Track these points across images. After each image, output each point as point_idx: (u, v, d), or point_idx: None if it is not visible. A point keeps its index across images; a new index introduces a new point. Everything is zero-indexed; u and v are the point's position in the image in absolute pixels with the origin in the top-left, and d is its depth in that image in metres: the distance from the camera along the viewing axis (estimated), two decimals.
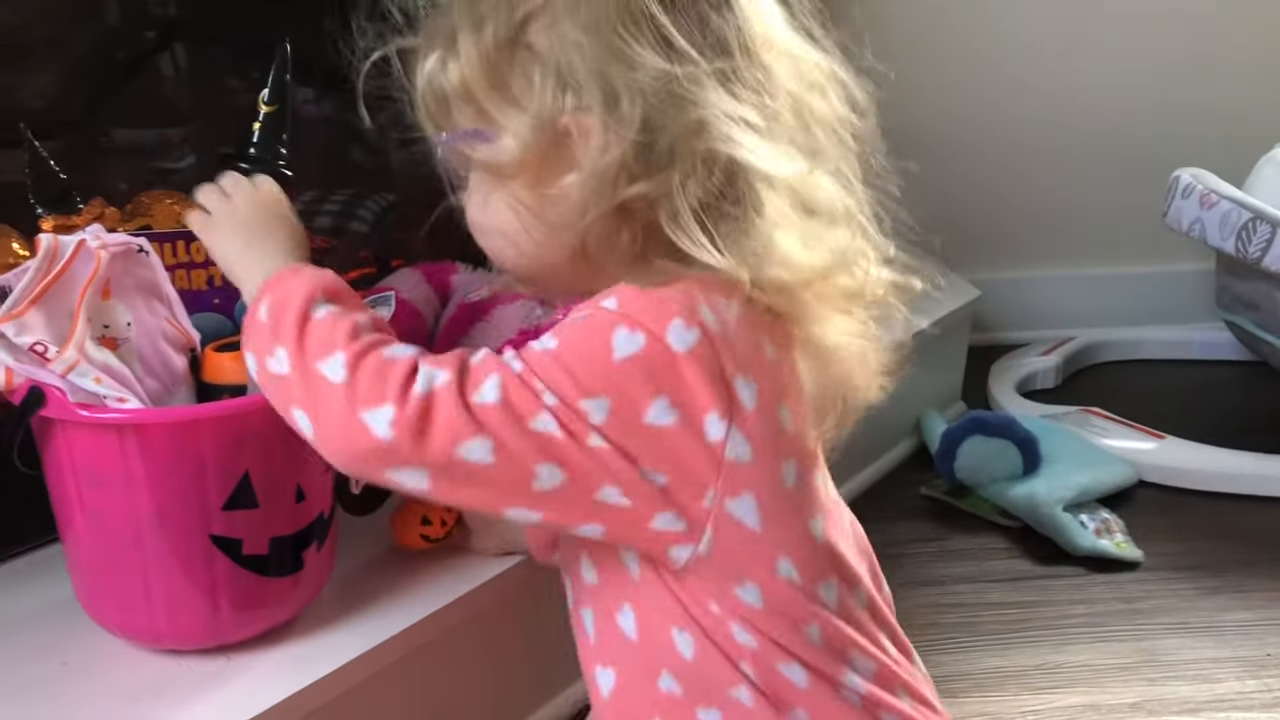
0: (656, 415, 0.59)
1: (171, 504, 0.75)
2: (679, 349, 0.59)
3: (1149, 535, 1.46)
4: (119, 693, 0.79)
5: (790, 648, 0.65)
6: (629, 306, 0.60)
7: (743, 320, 0.61)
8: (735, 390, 0.60)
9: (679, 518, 0.61)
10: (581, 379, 0.58)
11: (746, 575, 0.64)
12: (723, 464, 0.60)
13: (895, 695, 0.69)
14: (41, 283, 0.71)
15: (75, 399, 0.72)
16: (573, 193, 0.61)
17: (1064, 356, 2.00)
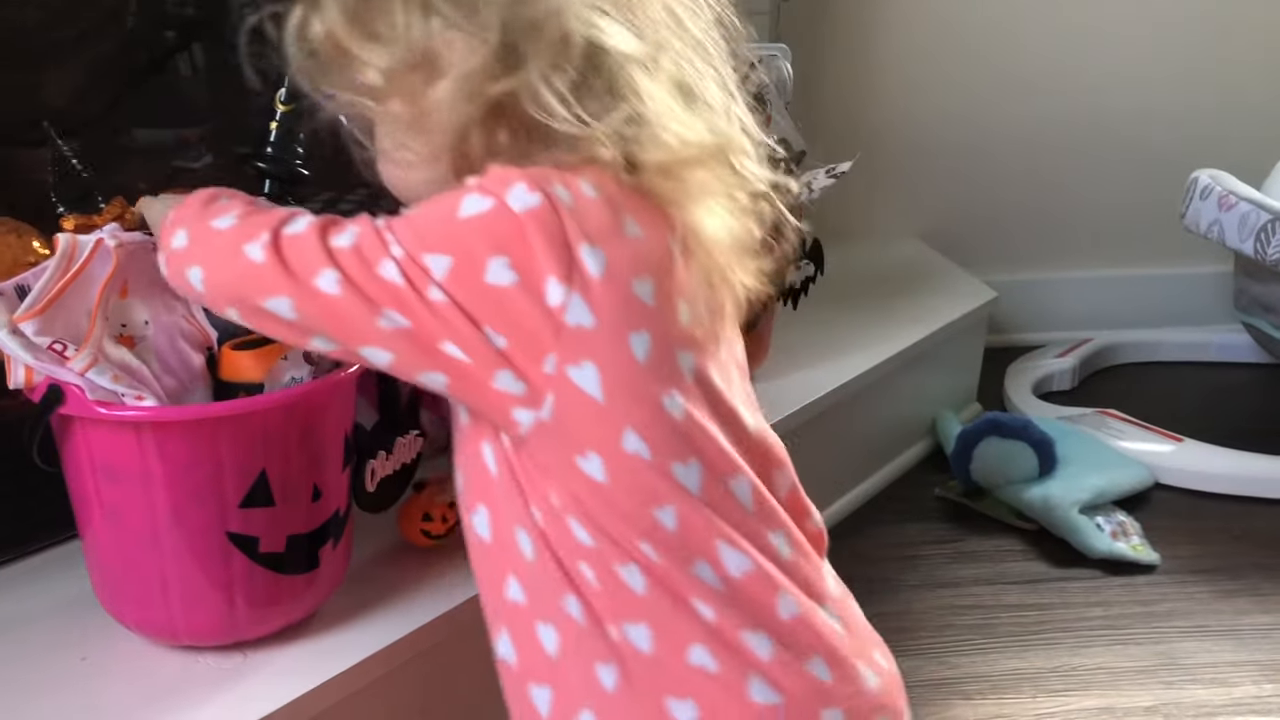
0: (496, 275, 0.61)
1: (189, 501, 0.76)
2: (518, 209, 0.61)
3: (1166, 538, 1.46)
4: (137, 689, 0.79)
5: (630, 543, 0.63)
6: (482, 180, 0.63)
7: (604, 200, 0.63)
8: (579, 256, 0.61)
9: (518, 379, 0.62)
10: (426, 236, 0.62)
11: (589, 445, 0.63)
12: (562, 329, 0.61)
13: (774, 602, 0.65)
14: (59, 282, 0.71)
15: (94, 397, 0.73)
16: (444, 100, 0.64)
17: (1081, 358, 1.99)
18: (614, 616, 0.63)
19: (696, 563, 0.63)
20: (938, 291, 1.79)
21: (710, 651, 0.62)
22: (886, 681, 0.69)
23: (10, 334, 0.71)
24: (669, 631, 0.63)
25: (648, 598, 0.63)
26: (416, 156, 0.68)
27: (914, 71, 2.03)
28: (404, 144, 0.68)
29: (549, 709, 0.67)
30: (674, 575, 0.63)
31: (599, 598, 0.63)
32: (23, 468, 0.78)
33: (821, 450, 1.43)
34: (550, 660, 0.66)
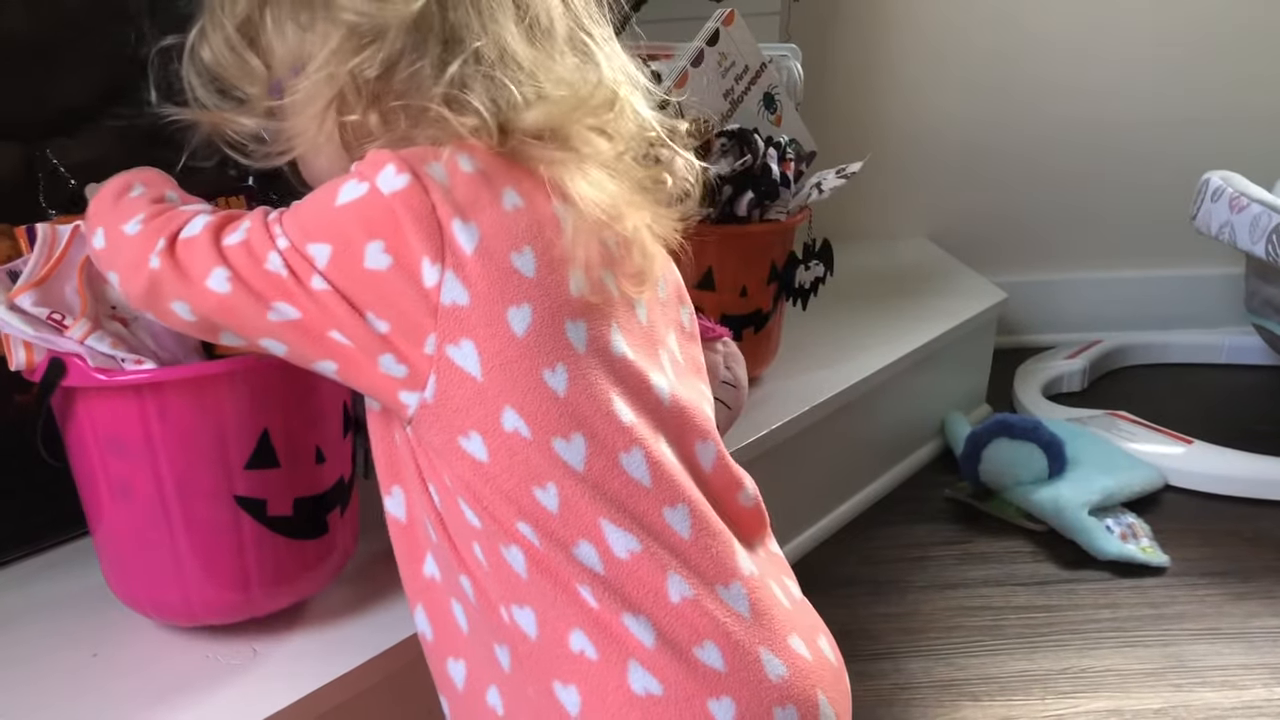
0: (373, 260, 0.61)
1: (195, 466, 0.76)
2: (387, 191, 0.62)
3: (1175, 540, 1.45)
4: (148, 684, 0.80)
5: (511, 524, 0.62)
6: (360, 164, 0.64)
7: (479, 172, 0.64)
8: (451, 234, 0.62)
9: (400, 362, 0.63)
10: (308, 225, 0.63)
11: (470, 425, 0.62)
12: (439, 309, 0.62)
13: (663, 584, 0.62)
14: (45, 267, 0.73)
15: (95, 364, 0.74)
16: (308, 90, 0.67)
17: (1090, 360, 1.98)
18: (502, 599, 0.64)
19: (579, 544, 0.62)
20: (947, 292, 1.79)
21: (590, 637, 0.61)
22: (803, 671, 0.64)
23: (9, 310, 0.72)
24: (551, 616, 0.62)
25: (530, 581, 0.62)
26: (319, 160, 0.70)
27: (924, 72, 2.03)
28: (297, 144, 0.70)
29: (463, 682, 0.68)
30: (555, 558, 0.62)
31: (488, 579, 0.64)
32: (29, 465, 0.79)
33: (831, 451, 1.43)
34: (463, 636, 0.67)
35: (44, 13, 0.96)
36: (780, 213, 1.30)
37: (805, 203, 1.32)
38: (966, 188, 2.09)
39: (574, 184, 0.66)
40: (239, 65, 0.69)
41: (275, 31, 0.68)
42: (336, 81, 0.65)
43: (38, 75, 0.97)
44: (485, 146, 0.65)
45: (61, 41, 0.97)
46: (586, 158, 0.66)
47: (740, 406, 1.03)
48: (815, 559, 1.42)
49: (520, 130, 0.65)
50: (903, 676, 1.20)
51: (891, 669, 1.21)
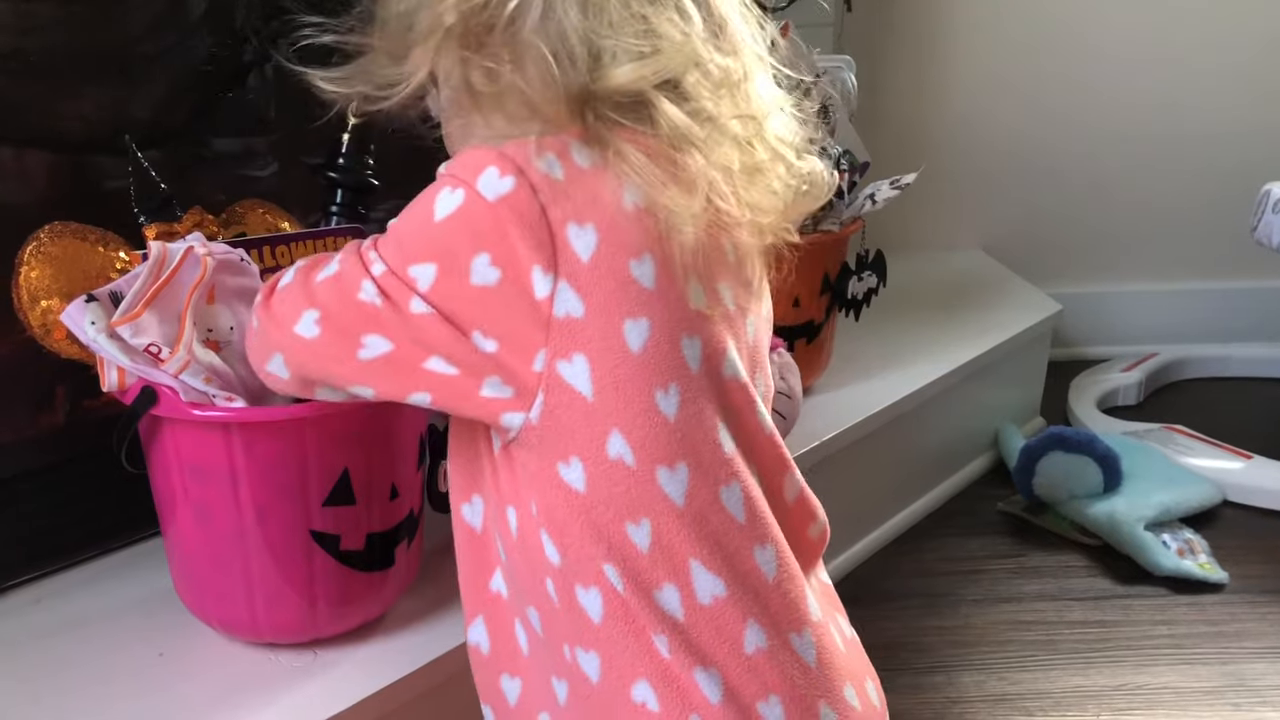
0: (480, 275, 0.57)
1: (275, 500, 0.78)
2: (490, 197, 0.56)
3: (1235, 557, 1.43)
4: (211, 684, 0.82)
5: (597, 565, 0.58)
6: (454, 165, 0.59)
7: (599, 169, 0.58)
8: (566, 239, 0.56)
9: (506, 383, 0.58)
10: (408, 246, 0.59)
11: (573, 451, 0.58)
12: (551, 322, 0.57)
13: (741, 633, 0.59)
14: (152, 287, 0.74)
15: (186, 398, 0.75)
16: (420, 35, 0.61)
17: (1147, 373, 1.96)
18: (568, 639, 0.61)
19: (664, 587, 0.58)
20: (1001, 304, 1.78)
21: (654, 689, 0.59)
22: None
23: (109, 338, 0.73)
24: (618, 664, 0.59)
25: (602, 627, 0.59)
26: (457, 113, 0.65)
27: (979, 83, 2.02)
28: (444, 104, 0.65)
29: (516, 700, 0.66)
30: (635, 605, 0.58)
31: (556, 617, 0.61)
32: (101, 468, 0.81)
33: (883, 463, 1.43)
34: (523, 658, 0.65)
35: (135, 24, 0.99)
36: (834, 223, 1.30)
37: (859, 214, 1.32)
38: (1021, 199, 2.07)
39: (696, 161, 0.59)
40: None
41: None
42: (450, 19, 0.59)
43: (128, 85, 0.99)
44: (598, 126, 0.58)
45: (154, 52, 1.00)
46: (717, 132, 0.60)
47: (795, 417, 1.03)
48: (867, 571, 1.42)
49: (630, 85, 0.58)
50: (955, 690, 1.19)
51: (944, 682, 1.20)
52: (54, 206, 0.89)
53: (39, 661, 0.85)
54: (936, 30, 2.00)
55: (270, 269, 0.89)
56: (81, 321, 0.74)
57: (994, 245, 2.07)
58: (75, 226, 0.85)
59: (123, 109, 0.99)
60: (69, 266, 0.83)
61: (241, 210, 0.97)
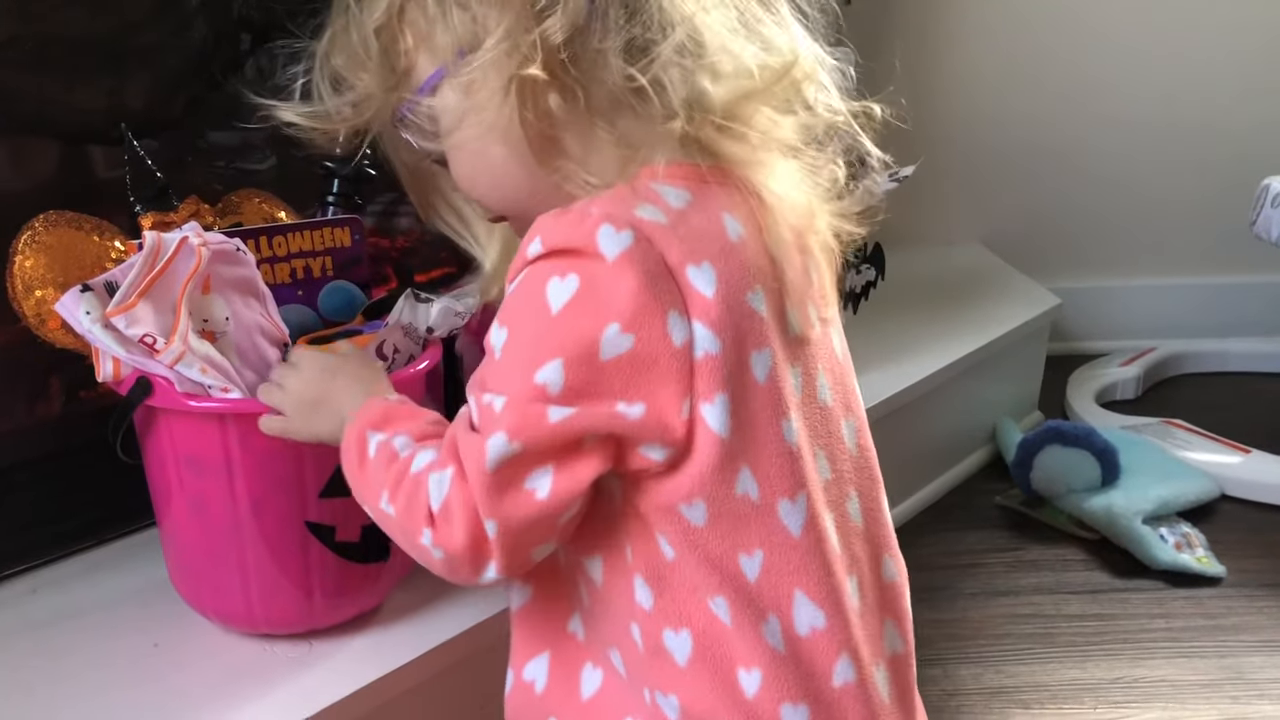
0: (612, 347, 0.54)
1: (270, 491, 0.77)
2: (613, 254, 0.54)
3: (1232, 551, 1.43)
4: (207, 674, 0.81)
5: (698, 605, 0.57)
6: (552, 240, 0.56)
7: (694, 202, 0.57)
8: (688, 280, 0.55)
9: (663, 446, 0.56)
10: (530, 354, 0.55)
11: (698, 494, 0.57)
12: (694, 366, 0.55)
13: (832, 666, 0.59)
14: (147, 277, 0.73)
15: (182, 389, 0.75)
16: (484, 67, 0.59)
17: (1145, 367, 1.96)
18: (650, 682, 0.60)
19: (769, 618, 0.58)
20: (1000, 298, 1.78)
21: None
22: None
23: (104, 328, 0.73)
24: (697, 708, 0.58)
25: (688, 670, 0.58)
26: (492, 158, 0.63)
27: (977, 77, 2.01)
28: (480, 146, 0.63)
29: None
30: (732, 640, 0.58)
31: (640, 662, 0.60)
32: (95, 459, 0.81)
33: (881, 457, 1.42)
34: (580, 701, 0.63)
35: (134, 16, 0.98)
36: None
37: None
38: (1020, 192, 2.07)
39: (773, 185, 0.59)
40: (382, 64, 0.63)
41: (436, 17, 0.61)
42: (518, 53, 0.57)
43: (127, 75, 0.99)
44: (688, 165, 0.58)
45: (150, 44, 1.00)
46: (773, 158, 0.60)
47: None
48: None
49: (711, 113, 0.57)
50: (952, 683, 1.19)
51: (941, 675, 1.20)
52: (49, 195, 0.89)
53: (34, 651, 0.84)
54: (936, 23, 2.00)
55: (267, 259, 0.89)
56: (76, 311, 0.73)
57: (993, 239, 2.07)
58: (70, 215, 0.84)
59: (119, 98, 0.99)
60: (64, 256, 0.83)
61: (238, 200, 0.97)
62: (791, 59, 0.60)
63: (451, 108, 0.63)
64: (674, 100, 0.57)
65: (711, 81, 0.58)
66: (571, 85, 0.58)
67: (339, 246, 0.92)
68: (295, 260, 0.91)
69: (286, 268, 0.91)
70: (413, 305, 0.82)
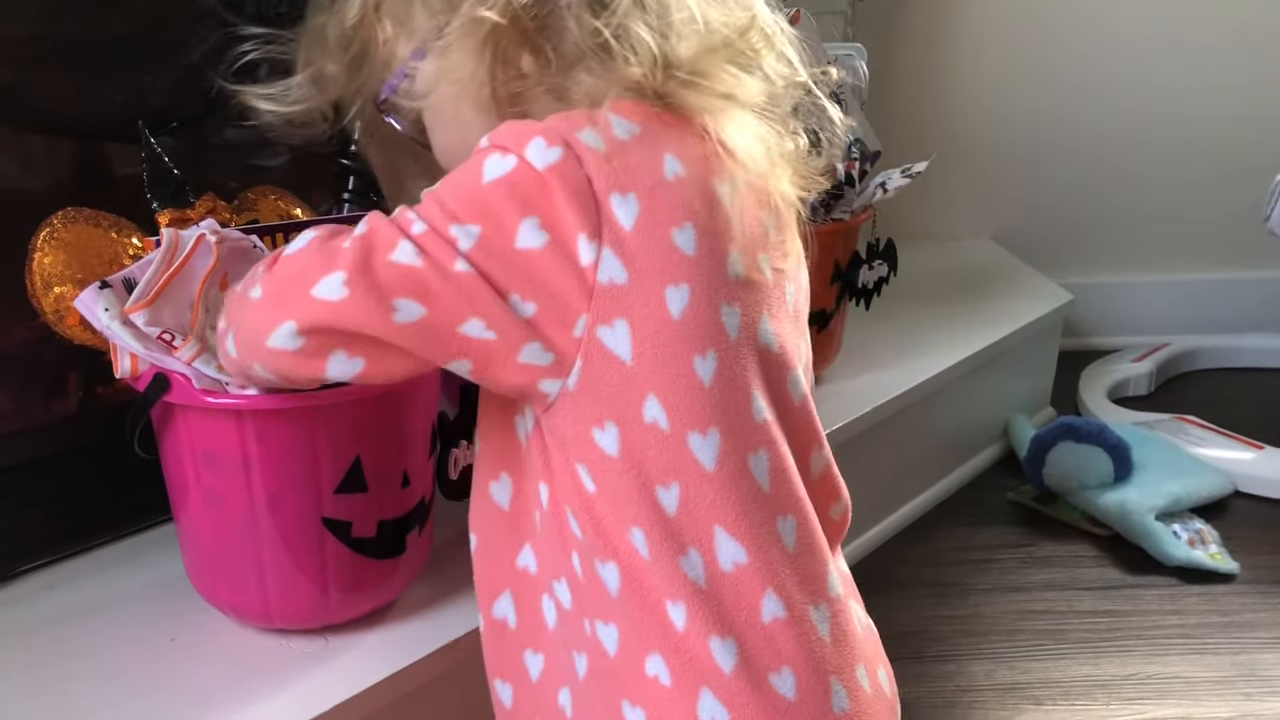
0: (527, 238, 0.57)
1: (287, 487, 0.78)
2: (540, 165, 0.57)
3: (1245, 547, 1.43)
4: (223, 669, 0.82)
5: (619, 535, 0.59)
6: (495, 138, 0.59)
7: (640, 139, 0.59)
8: (609, 209, 0.57)
9: (546, 349, 0.58)
10: (452, 206, 0.58)
11: (608, 415, 0.59)
12: (594, 289, 0.57)
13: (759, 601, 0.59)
14: (165, 274, 0.74)
15: (199, 385, 0.75)
16: (456, 30, 0.63)
17: (1158, 363, 1.95)
18: (590, 612, 0.61)
19: (688, 552, 0.59)
20: (1012, 293, 1.77)
21: (667, 663, 0.59)
22: (863, 704, 0.62)
23: (121, 324, 0.73)
24: (633, 639, 0.60)
25: (620, 600, 0.60)
26: (466, 120, 0.65)
27: (990, 71, 2.01)
28: (449, 109, 0.66)
29: (538, 675, 0.67)
30: (653, 573, 0.59)
31: (580, 590, 0.62)
32: (113, 454, 0.81)
33: (893, 453, 1.43)
34: (548, 631, 0.66)
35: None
36: (844, 212, 1.30)
37: (869, 202, 1.32)
38: (1032, 187, 2.07)
39: (732, 135, 0.61)
40: (358, 56, 0.68)
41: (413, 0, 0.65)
42: (490, 13, 0.61)
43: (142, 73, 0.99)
44: (640, 101, 0.60)
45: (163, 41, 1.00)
46: (738, 101, 0.62)
47: None
48: (877, 560, 1.42)
49: (676, 68, 0.60)
50: (965, 679, 1.19)
51: (954, 671, 1.21)
52: (67, 193, 0.90)
53: (51, 647, 0.85)
54: (948, 18, 1.99)
55: None
56: (95, 308, 0.74)
57: (1005, 235, 2.06)
58: (88, 213, 0.85)
59: (136, 95, 0.99)
60: (82, 253, 0.83)
61: (254, 197, 0.97)
62: (750, 17, 0.62)
63: (428, 80, 0.66)
64: (638, 51, 0.60)
65: (674, 36, 0.60)
66: (540, 43, 0.62)
67: None
68: None
69: None
70: None
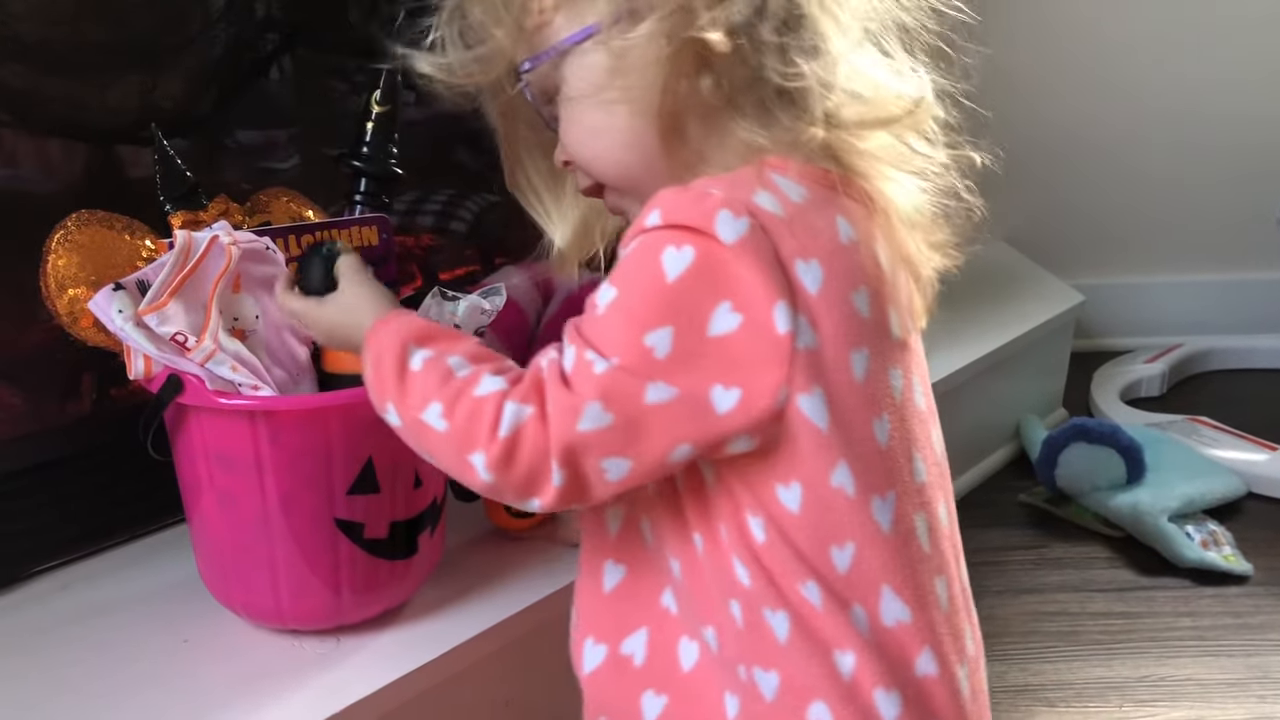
0: (721, 323, 0.56)
1: (300, 488, 0.78)
2: (729, 240, 0.55)
3: (1259, 549, 1.42)
4: (236, 670, 0.82)
5: (791, 587, 0.59)
6: (671, 215, 0.57)
7: (813, 202, 0.59)
8: (796, 275, 0.56)
9: (750, 433, 0.57)
10: (640, 316, 0.56)
11: (795, 476, 0.58)
12: (793, 356, 0.56)
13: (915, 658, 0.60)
14: (178, 276, 0.74)
15: (213, 386, 0.75)
16: (643, 38, 0.59)
17: (1170, 364, 1.95)
18: (748, 658, 0.61)
19: (854, 608, 0.59)
20: (1024, 295, 1.77)
21: (831, 709, 0.59)
22: None
23: (135, 326, 0.74)
24: (797, 683, 0.59)
25: (787, 648, 0.59)
26: (622, 128, 0.62)
27: (999, 73, 2.00)
28: (610, 118, 0.62)
29: (657, 717, 0.65)
30: (824, 624, 0.59)
31: (737, 636, 0.61)
32: (127, 456, 0.81)
33: None
34: (680, 674, 0.64)
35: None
36: None
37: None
38: (1044, 189, 2.06)
39: (890, 199, 0.62)
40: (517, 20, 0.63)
41: None
42: (677, 40, 0.58)
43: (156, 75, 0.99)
44: (805, 162, 0.60)
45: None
46: (897, 169, 0.62)
47: None
48: None
49: (846, 119, 0.60)
50: None
51: None
52: (81, 195, 0.90)
53: (65, 647, 0.85)
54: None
55: (295, 257, 0.90)
56: (109, 309, 0.74)
57: (1016, 236, 2.06)
58: (102, 215, 0.85)
59: (149, 98, 1.00)
60: (96, 255, 0.84)
61: (266, 198, 0.97)
62: (920, 94, 0.63)
63: (592, 67, 0.62)
64: (815, 110, 0.59)
65: (850, 101, 0.60)
66: (729, 70, 0.59)
67: (366, 245, 0.92)
68: None
69: None
70: (440, 303, 0.82)
